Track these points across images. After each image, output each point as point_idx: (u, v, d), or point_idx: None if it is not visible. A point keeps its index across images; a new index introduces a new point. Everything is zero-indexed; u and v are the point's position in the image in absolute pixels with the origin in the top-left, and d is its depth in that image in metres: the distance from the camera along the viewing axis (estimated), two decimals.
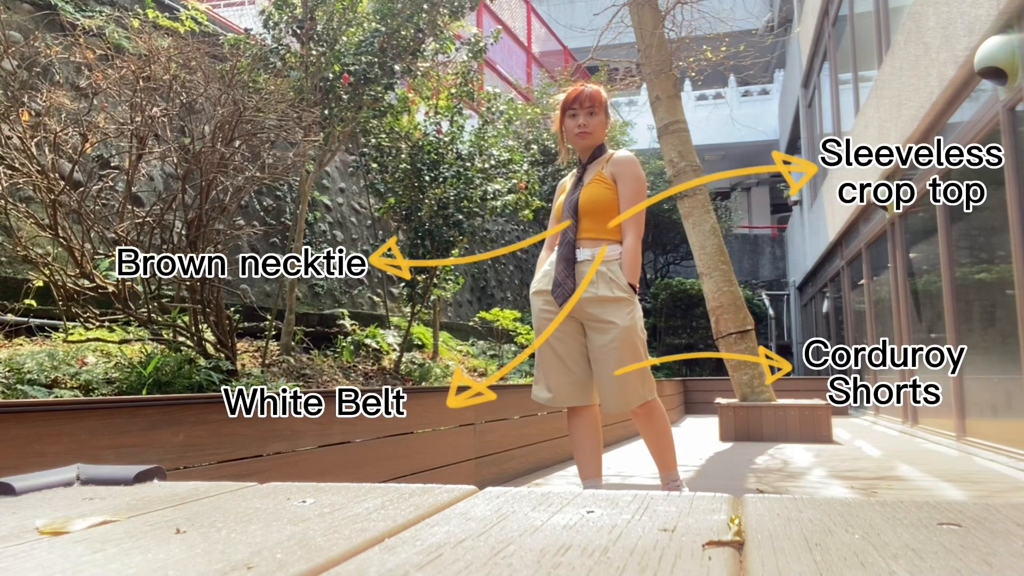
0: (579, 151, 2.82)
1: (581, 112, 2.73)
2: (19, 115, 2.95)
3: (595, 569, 0.55)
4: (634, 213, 2.66)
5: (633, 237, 2.65)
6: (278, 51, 4.87)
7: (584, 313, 2.63)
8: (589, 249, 2.66)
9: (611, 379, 2.59)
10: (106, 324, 3.31)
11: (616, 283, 2.61)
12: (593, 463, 2.75)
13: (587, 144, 2.76)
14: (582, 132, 2.73)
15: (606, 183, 2.69)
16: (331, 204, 7.51)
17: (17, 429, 1.62)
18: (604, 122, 2.76)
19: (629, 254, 2.64)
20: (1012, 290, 4.45)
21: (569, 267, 2.65)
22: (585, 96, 2.72)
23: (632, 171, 2.70)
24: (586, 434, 2.77)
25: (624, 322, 2.57)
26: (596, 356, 2.63)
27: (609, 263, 2.63)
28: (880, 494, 3.58)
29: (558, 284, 2.65)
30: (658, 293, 14.54)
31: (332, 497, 0.86)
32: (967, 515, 0.73)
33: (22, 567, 0.57)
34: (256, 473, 2.25)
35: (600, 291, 2.59)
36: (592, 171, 2.76)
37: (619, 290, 2.60)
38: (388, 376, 5.20)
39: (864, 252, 9.31)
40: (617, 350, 2.56)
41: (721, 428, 6.48)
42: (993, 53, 4.14)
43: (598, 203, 2.67)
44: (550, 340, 2.68)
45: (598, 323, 2.61)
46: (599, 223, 2.67)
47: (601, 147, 2.79)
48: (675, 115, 6.86)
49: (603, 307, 2.59)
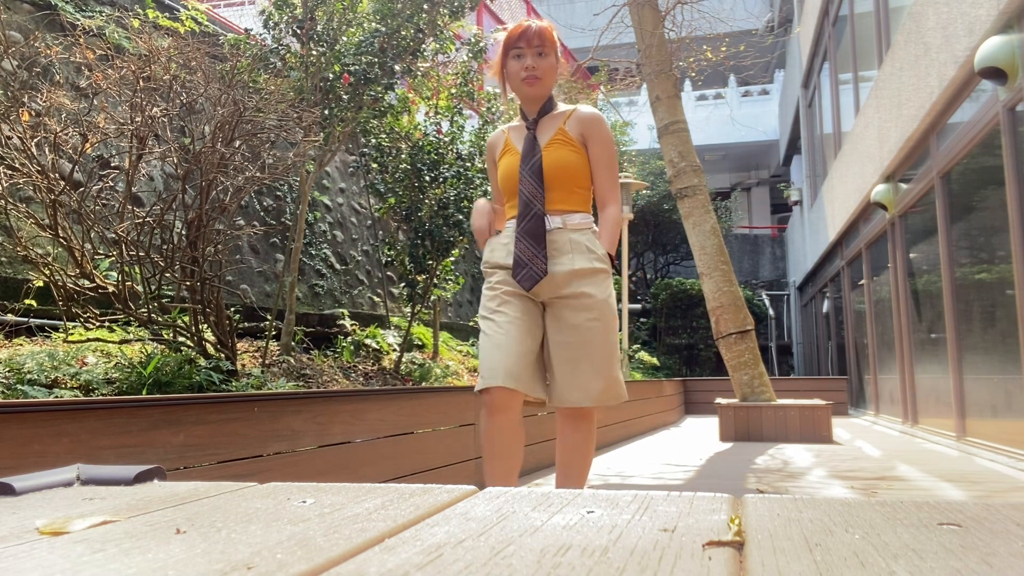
0: (524, 102, 2.31)
1: (528, 52, 2.23)
2: (19, 115, 2.95)
3: (595, 569, 0.55)
4: (613, 180, 2.29)
5: (615, 207, 2.29)
6: (278, 51, 4.87)
7: (555, 291, 2.20)
8: (559, 217, 2.23)
9: (592, 363, 2.15)
10: (106, 324, 3.31)
11: (594, 252, 2.22)
12: (513, 472, 2.20)
13: (536, 93, 2.26)
14: (530, 77, 2.23)
15: (572, 145, 2.25)
16: (331, 204, 7.51)
17: (17, 429, 1.62)
18: (555, 67, 2.28)
19: (611, 224, 2.26)
20: (1012, 290, 4.45)
21: (538, 244, 2.19)
22: (533, 32, 2.23)
23: (605, 132, 2.29)
24: (513, 437, 2.19)
25: (602, 295, 2.19)
26: (569, 339, 2.18)
27: (582, 231, 2.24)
28: (880, 494, 3.58)
29: (522, 265, 2.19)
30: (658, 293, 14.54)
31: (332, 497, 0.86)
32: (967, 515, 0.73)
33: (22, 567, 0.57)
34: (256, 473, 2.25)
35: (577, 263, 2.19)
36: (549, 129, 2.29)
37: (597, 260, 2.21)
38: (388, 376, 5.20)
39: (864, 252, 9.31)
40: (601, 328, 2.17)
41: (721, 428, 6.48)
42: (993, 53, 4.14)
43: (568, 169, 2.24)
44: (500, 321, 2.20)
45: (574, 298, 2.18)
46: (570, 194, 2.25)
47: (551, 99, 2.32)
48: (675, 115, 6.86)
49: (580, 281, 2.19)
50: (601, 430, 5.93)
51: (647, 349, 12.49)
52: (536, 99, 2.29)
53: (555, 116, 2.30)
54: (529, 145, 2.27)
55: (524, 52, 2.24)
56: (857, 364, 10.49)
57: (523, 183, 2.23)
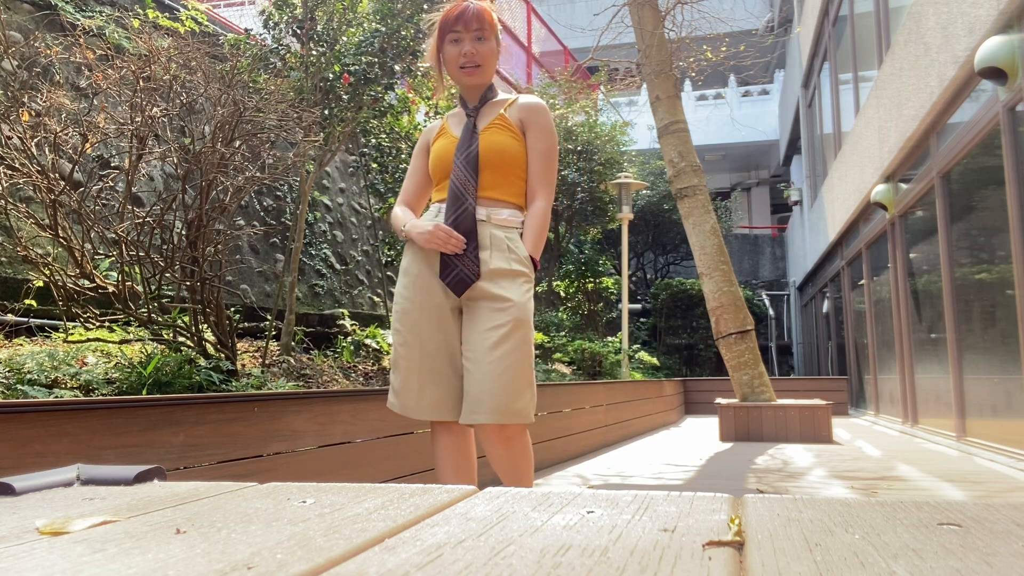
0: (464, 90, 2.15)
1: (466, 36, 2.06)
2: (19, 115, 2.95)
3: (595, 569, 0.55)
4: (549, 173, 2.12)
5: (544, 202, 2.10)
6: (278, 51, 4.87)
7: (472, 290, 2.02)
8: (485, 209, 2.05)
9: (495, 372, 1.92)
10: (106, 324, 3.31)
11: (515, 253, 2.04)
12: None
13: (475, 81, 2.10)
14: (468, 64, 2.07)
15: (511, 131, 2.09)
16: (331, 204, 7.51)
17: (17, 429, 1.62)
18: (496, 52, 2.12)
19: (538, 220, 2.09)
20: (1012, 290, 4.45)
21: (469, 242, 2.01)
22: (471, 15, 2.04)
23: (547, 122, 2.13)
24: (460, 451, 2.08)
25: (520, 299, 1.99)
26: (478, 343, 1.97)
27: (507, 229, 2.07)
28: (880, 494, 3.58)
29: (451, 265, 2.01)
30: (658, 293, 14.54)
31: (332, 497, 0.86)
32: (967, 515, 0.73)
33: (22, 567, 0.57)
34: (256, 473, 2.25)
35: (495, 262, 2.01)
36: (489, 115, 2.13)
37: (516, 262, 2.03)
38: (388, 376, 5.20)
39: (864, 252, 9.31)
40: (510, 335, 1.95)
41: (721, 428, 6.48)
42: (993, 53, 4.14)
43: (504, 154, 2.06)
44: (422, 333, 2.03)
45: (488, 300, 1.99)
46: (503, 180, 2.08)
47: (492, 87, 2.17)
48: (675, 115, 6.86)
49: (496, 282, 2.00)
50: (601, 430, 5.93)
51: (647, 349, 12.49)
52: (475, 87, 2.13)
53: (496, 103, 2.15)
54: (467, 133, 2.09)
55: (462, 36, 2.07)
56: (857, 364, 10.49)
57: (455, 173, 2.06)
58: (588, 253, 10.08)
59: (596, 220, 9.85)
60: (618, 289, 10.69)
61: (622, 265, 8.95)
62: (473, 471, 2.11)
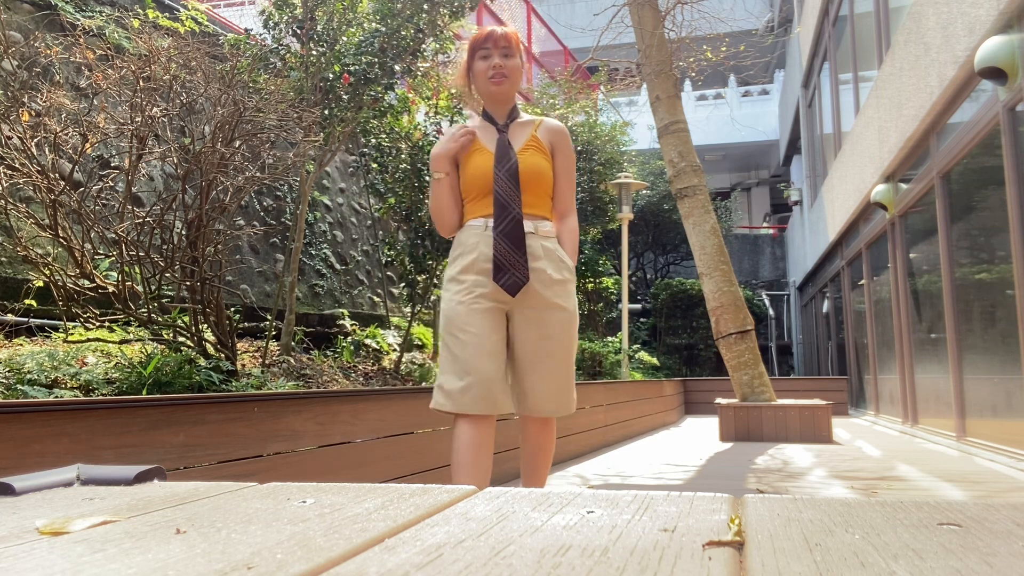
0: (491, 102, 2.34)
1: (495, 52, 2.27)
2: (19, 115, 2.95)
3: (595, 569, 0.55)
4: (573, 190, 2.39)
5: (574, 218, 2.38)
6: (278, 51, 4.87)
7: (527, 298, 2.21)
8: (531, 222, 2.25)
9: (555, 373, 2.21)
10: (106, 324, 3.31)
11: (564, 263, 2.28)
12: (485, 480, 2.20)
13: (502, 91, 2.29)
14: (497, 75, 2.26)
15: (544, 153, 2.31)
16: (331, 204, 7.51)
17: (17, 429, 1.62)
18: (521, 69, 2.32)
19: (575, 235, 2.35)
20: (1012, 290, 4.45)
21: (519, 248, 2.18)
22: (499, 35, 2.28)
23: (570, 144, 2.39)
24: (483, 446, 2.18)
25: (572, 307, 2.27)
26: (538, 346, 2.20)
27: (552, 239, 2.29)
28: (880, 494, 3.58)
29: (504, 269, 2.17)
30: (658, 293, 14.54)
31: (332, 497, 0.86)
32: (967, 515, 0.73)
33: (22, 567, 0.57)
34: (256, 473, 2.25)
35: (550, 272, 2.23)
36: (521, 134, 2.33)
37: (566, 270, 2.27)
38: (388, 376, 5.19)
39: (864, 252, 9.31)
40: (570, 339, 2.24)
41: (721, 428, 6.48)
42: (993, 53, 4.14)
43: (542, 176, 2.28)
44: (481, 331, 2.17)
45: (546, 308, 2.21)
46: (541, 198, 2.29)
47: (516, 107, 2.38)
48: (675, 115, 6.86)
49: (553, 290, 2.22)
50: (601, 430, 5.93)
51: (647, 349, 12.48)
52: (502, 99, 2.32)
53: (524, 123, 2.36)
54: (503, 148, 2.27)
55: (491, 53, 2.27)
56: (857, 364, 10.49)
57: (499, 184, 2.22)
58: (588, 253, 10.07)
59: (596, 220, 9.85)
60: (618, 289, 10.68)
61: (622, 265, 8.95)
62: (490, 466, 2.21)
